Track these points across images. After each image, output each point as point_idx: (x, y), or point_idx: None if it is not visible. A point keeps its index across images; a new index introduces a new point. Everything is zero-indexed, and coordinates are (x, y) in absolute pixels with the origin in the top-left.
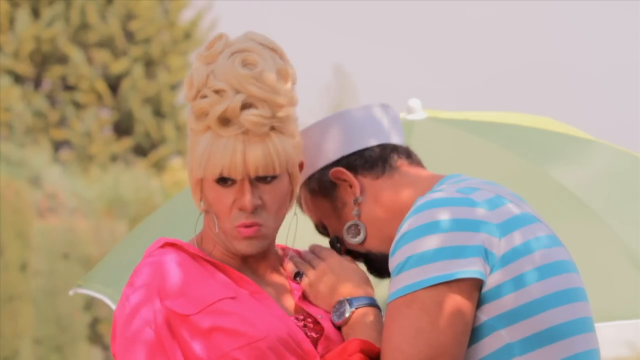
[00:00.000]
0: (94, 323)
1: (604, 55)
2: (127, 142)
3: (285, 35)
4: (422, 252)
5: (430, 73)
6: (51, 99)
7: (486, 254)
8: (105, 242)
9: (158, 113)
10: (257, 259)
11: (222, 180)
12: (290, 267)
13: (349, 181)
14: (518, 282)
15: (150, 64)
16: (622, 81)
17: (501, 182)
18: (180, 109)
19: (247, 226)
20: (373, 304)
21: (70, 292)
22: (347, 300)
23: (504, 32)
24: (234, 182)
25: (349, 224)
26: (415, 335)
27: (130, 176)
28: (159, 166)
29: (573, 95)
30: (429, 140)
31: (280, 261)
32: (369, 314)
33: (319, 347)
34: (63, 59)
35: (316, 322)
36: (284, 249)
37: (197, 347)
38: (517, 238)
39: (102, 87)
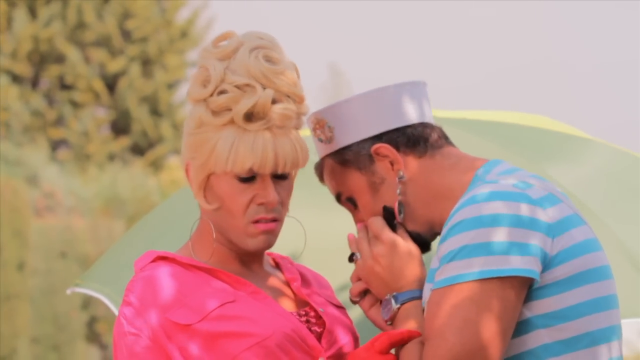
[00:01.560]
0: (92, 322)
1: (602, 54)
2: (124, 141)
3: (281, 34)
4: (479, 244)
5: (428, 72)
6: (48, 98)
7: (542, 254)
8: (102, 241)
9: (155, 112)
10: (253, 260)
11: (246, 177)
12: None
13: (391, 158)
14: (566, 284)
15: (147, 63)
16: (620, 80)
17: None
18: (177, 107)
19: (267, 221)
20: (418, 297)
21: (68, 291)
22: (393, 296)
23: (502, 31)
24: (254, 178)
25: (397, 202)
26: (462, 326)
27: (128, 175)
28: (157, 165)
29: (571, 94)
30: None
31: (270, 263)
32: (412, 309)
33: (323, 341)
34: (60, 58)
35: (318, 316)
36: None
37: (203, 355)
38: (568, 240)
39: (99, 86)
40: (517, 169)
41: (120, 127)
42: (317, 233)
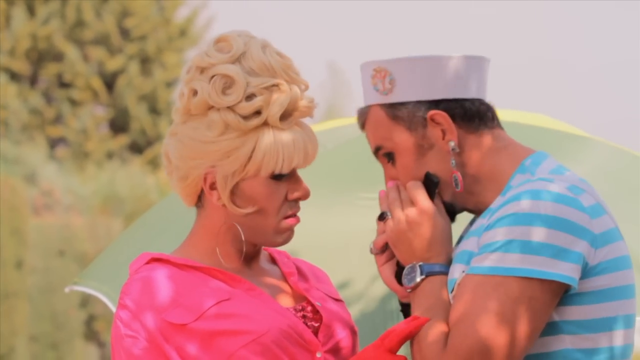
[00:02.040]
0: (90, 320)
1: (601, 53)
2: (122, 140)
3: (280, 33)
4: (527, 241)
5: None
6: (47, 97)
7: (584, 263)
8: (100, 240)
9: (154, 110)
10: (252, 257)
11: (280, 175)
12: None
13: (445, 127)
14: (598, 296)
15: (145, 61)
16: (619, 79)
17: None
18: None
19: (294, 215)
20: (444, 272)
21: (66, 289)
22: (420, 266)
23: (501, 29)
24: (285, 174)
25: (453, 176)
26: (496, 320)
27: (126, 173)
28: (155, 163)
29: (570, 92)
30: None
31: (267, 258)
32: (437, 284)
33: (320, 336)
34: (59, 57)
35: (315, 311)
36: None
37: (199, 353)
38: (607, 253)
39: (97, 84)
40: (565, 168)
41: (118, 125)
42: (316, 231)
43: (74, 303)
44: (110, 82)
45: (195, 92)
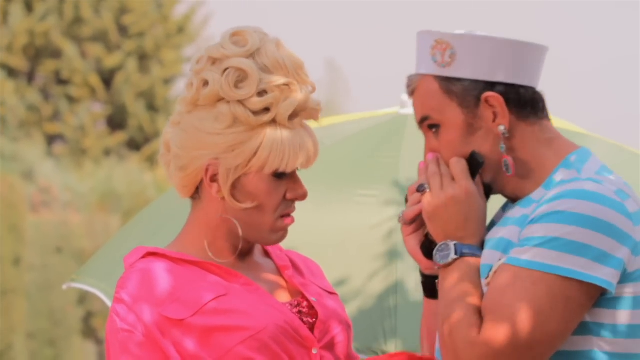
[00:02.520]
0: (87, 317)
1: (599, 50)
2: (120, 136)
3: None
4: (570, 241)
5: None
6: (44, 93)
7: (623, 269)
8: (98, 236)
9: (151, 107)
10: (247, 251)
11: (281, 173)
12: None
13: (498, 110)
14: (631, 303)
15: (143, 58)
16: (618, 76)
17: None
18: (173, 103)
19: (290, 215)
20: (478, 254)
21: (64, 286)
22: (455, 245)
23: (499, 27)
24: (286, 174)
25: (503, 160)
26: (532, 315)
27: (124, 170)
28: (153, 160)
29: (568, 90)
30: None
31: (260, 252)
32: (471, 265)
33: (316, 332)
34: (56, 53)
35: (311, 306)
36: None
37: (196, 349)
38: None
39: (95, 81)
40: (608, 170)
41: (116, 122)
42: (313, 228)
43: (71, 300)
44: (108, 79)
45: (206, 83)
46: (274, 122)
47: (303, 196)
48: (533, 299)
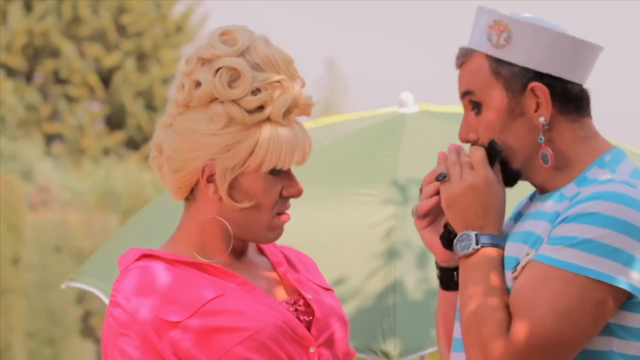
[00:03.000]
0: (86, 316)
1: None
2: (119, 136)
3: (276, 28)
4: (603, 244)
5: (424, 68)
6: (43, 93)
7: None
8: (97, 236)
9: (150, 106)
10: (241, 250)
11: (278, 171)
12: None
13: (542, 101)
14: None
15: (142, 58)
16: (618, 74)
17: None
18: None
19: (285, 212)
20: (499, 244)
21: (63, 286)
22: (476, 234)
23: None
24: (281, 171)
25: (542, 152)
26: (562, 316)
27: (122, 169)
28: None
29: None
30: (421, 134)
31: (255, 249)
32: (493, 256)
33: (313, 330)
34: (55, 53)
35: (307, 304)
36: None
37: (194, 350)
38: None
39: (94, 80)
40: None
41: (115, 121)
42: (311, 227)
43: (70, 299)
44: (106, 78)
45: (198, 84)
46: (268, 119)
47: (299, 193)
48: (564, 299)
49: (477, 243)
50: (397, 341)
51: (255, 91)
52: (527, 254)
